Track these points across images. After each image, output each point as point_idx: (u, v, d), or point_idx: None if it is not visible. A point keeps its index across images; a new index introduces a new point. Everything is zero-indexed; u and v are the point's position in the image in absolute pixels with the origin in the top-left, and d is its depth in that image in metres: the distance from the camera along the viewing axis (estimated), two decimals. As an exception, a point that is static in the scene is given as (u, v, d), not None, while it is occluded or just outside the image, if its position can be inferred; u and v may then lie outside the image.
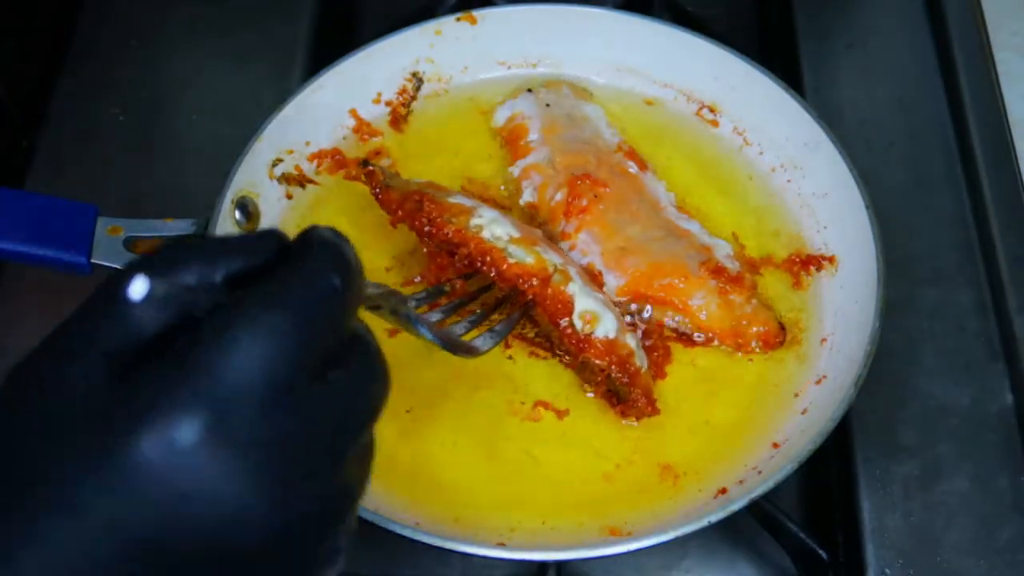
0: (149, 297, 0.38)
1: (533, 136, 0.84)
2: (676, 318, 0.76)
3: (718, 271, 0.77)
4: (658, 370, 0.75)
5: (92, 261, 0.75)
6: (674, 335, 0.77)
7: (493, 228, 0.73)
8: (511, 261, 0.73)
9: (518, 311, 0.73)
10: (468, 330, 0.71)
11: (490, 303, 0.74)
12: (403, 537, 0.65)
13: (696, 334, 0.76)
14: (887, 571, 0.73)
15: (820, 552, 0.75)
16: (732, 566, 0.80)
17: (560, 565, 0.74)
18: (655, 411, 0.73)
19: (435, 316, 0.70)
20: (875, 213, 0.76)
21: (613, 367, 0.71)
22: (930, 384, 0.80)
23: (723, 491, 0.69)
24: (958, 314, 0.83)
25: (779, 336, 0.76)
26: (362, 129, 0.86)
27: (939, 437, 0.78)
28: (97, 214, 0.76)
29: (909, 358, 0.81)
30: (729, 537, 0.80)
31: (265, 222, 0.81)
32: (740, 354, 0.76)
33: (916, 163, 0.90)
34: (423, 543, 0.65)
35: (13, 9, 0.97)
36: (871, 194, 0.77)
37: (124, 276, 0.39)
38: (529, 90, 0.87)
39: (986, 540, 0.73)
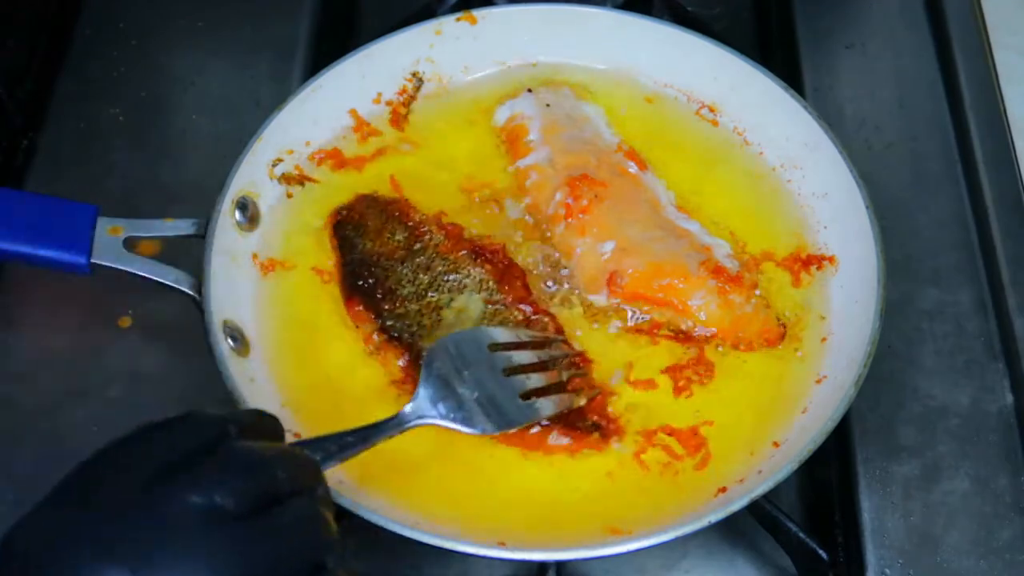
0: None
1: (533, 136, 0.84)
2: (672, 316, 0.77)
3: (718, 271, 0.77)
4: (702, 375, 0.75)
5: (92, 261, 0.75)
6: (671, 333, 0.77)
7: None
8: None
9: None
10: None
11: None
12: (403, 537, 0.65)
13: (695, 330, 0.76)
14: (887, 571, 0.73)
15: (820, 552, 0.75)
16: (732, 566, 0.80)
17: (560, 565, 0.74)
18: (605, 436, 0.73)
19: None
20: (875, 213, 0.76)
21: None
22: (930, 384, 0.80)
23: (723, 490, 0.69)
24: (958, 314, 0.83)
25: (779, 335, 0.76)
26: (362, 129, 0.86)
27: (939, 437, 0.78)
28: (97, 214, 0.76)
29: (909, 358, 0.81)
30: (729, 537, 0.80)
31: (266, 221, 0.81)
32: (740, 351, 0.76)
33: (916, 163, 0.90)
34: (423, 543, 0.65)
35: (13, 9, 0.97)
36: (871, 194, 0.77)
37: None
38: (529, 90, 0.87)
39: (986, 540, 0.73)
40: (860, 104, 0.93)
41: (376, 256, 0.79)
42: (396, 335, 0.76)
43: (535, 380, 0.71)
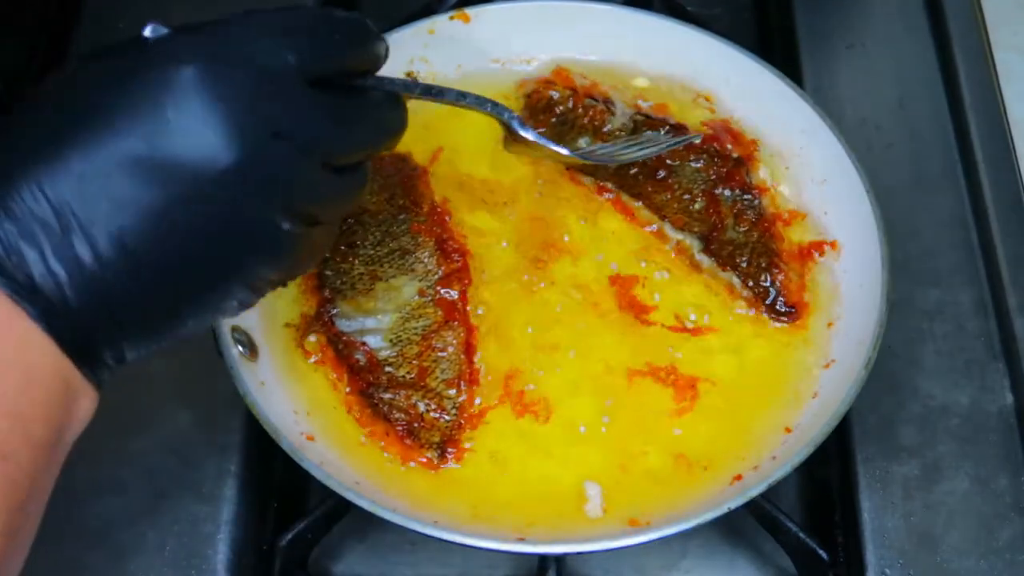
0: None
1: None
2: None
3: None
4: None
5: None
6: (679, 324, 0.77)
7: None
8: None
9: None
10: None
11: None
12: (406, 537, 0.65)
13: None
14: (887, 571, 0.73)
15: (820, 552, 0.75)
16: (732, 566, 0.80)
17: (560, 563, 0.74)
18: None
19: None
20: (876, 196, 0.77)
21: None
22: (930, 384, 0.80)
23: (738, 478, 0.70)
24: (958, 314, 0.83)
25: (800, 313, 0.78)
26: (362, 129, 0.86)
27: (939, 437, 0.78)
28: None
29: (909, 358, 0.81)
30: (729, 537, 0.81)
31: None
32: (750, 335, 0.77)
33: (916, 163, 0.90)
34: (441, 540, 0.65)
35: (13, 9, 0.97)
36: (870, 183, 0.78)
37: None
38: None
39: (986, 540, 0.74)
40: (860, 104, 0.93)
41: (364, 210, 0.79)
42: (327, 283, 0.76)
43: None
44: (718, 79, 0.86)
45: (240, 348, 0.71)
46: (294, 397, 0.73)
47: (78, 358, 0.49)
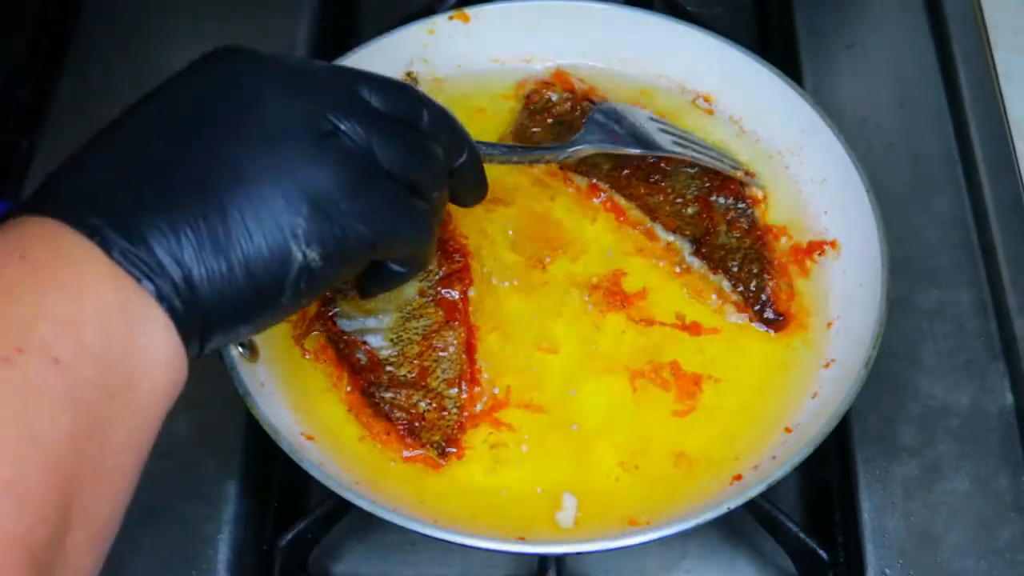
0: None
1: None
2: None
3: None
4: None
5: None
6: (679, 323, 0.77)
7: None
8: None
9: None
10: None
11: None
12: (406, 537, 0.65)
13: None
14: (887, 571, 0.73)
15: (820, 552, 0.75)
16: (732, 566, 0.80)
17: (561, 563, 0.74)
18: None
19: None
20: (875, 196, 0.77)
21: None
22: (930, 384, 0.80)
23: (738, 478, 0.70)
24: (958, 314, 0.83)
25: (790, 317, 0.77)
26: (361, 129, 0.86)
27: (939, 437, 0.78)
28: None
29: (909, 358, 0.81)
30: (729, 537, 0.81)
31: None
32: (749, 334, 0.77)
33: (916, 163, 0.90)
34: (441, 540, 0.64)
35: (13, 9, 0.97)
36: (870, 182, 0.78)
37: None
38: None
39: (986, 540, 0.74)
40: (860, 104, 0.93)
41: None
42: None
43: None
44: (717, 78, 0.87)
45: (240, 349, 0.71)
46: (294, 397, 0.73)
47: (140, 274, 0.49)
